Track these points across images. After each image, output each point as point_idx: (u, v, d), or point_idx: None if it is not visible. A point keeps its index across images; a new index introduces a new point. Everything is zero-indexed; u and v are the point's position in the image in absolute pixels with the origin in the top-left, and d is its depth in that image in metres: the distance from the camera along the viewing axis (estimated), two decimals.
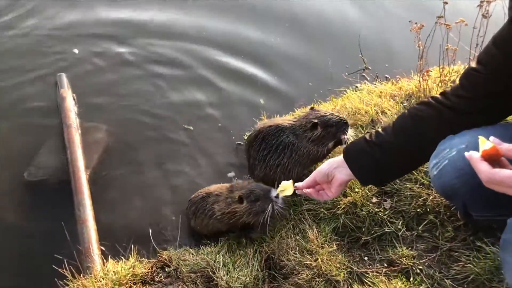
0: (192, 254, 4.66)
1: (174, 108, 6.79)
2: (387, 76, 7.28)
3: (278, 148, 4.94)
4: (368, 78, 7.27)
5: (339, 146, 5.12)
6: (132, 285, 4.33)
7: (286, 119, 5.15)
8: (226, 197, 4.78)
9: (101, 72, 7.29)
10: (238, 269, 4.35)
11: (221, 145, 6.25)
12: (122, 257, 4.45)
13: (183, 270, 4.45)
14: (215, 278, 4.04)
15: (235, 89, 7.18)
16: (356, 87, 7.03)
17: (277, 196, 4.50)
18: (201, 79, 7.35)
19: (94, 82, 7.09)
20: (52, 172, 5.76)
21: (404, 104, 5.78)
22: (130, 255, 4.53)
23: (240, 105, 6.87)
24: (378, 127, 5.49)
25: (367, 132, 5.38)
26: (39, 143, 6.08)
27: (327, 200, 4.74)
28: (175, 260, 4.60)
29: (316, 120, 4.89)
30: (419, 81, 5.76)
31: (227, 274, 4.06)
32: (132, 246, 4.69)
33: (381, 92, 6.19)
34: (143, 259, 4.72)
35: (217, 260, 4.45)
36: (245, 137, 6.21)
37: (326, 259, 4.28)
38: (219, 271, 4.32)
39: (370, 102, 5.91)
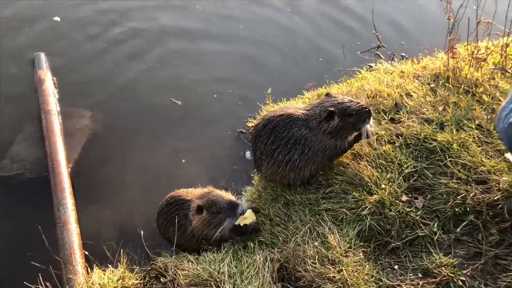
0: (192, 262, 4.03)
1: (167, 90, 6.14)
2: (403, 54, 6.63)
3: (288, 142, 4.26)
4: (383, 57, 6.53)
5: (363, 141, 4.44)
6: None
7: (298, 107, 4.43)
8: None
9: (86, 51, 6.57)
10: (246, 281, 3.72)
11: (221, 133, 5.65)
12: (109, 265, 4.05)
13: (181, 282, 3.83)
14: None
15: (237, 68, 6.52)
16: (370, 66, 6.40)
17: (242, 213, 4.13)
18: (199, 56, 6.70)
19: (78, 62, 6.38)
20: (29, 166, 5.06)
21: (432, 86, 5.11)
22: (119, 263, 4.06)
23: (242, 87, 6.22)
24: (403, 112, 4.78)
25: (391, 118, 4.72)
26: (14, 132, 5.39)
27: (349, 198, 4.07)
28: (171, 268, 3.97)
29: (332, 108, 4.18)
30: (448, 59, 5.03)
31: None
32: (122, 251, 4.19)
33: (402, 72, 5.51)
34: (134, 267, 4.16)
35: (221, 270, 3.82)
36: (248, 124, 5.53)
37: (352, 270, 3.62)
38: (224, 284, 3.68)
39: (392, 84, 5.20)
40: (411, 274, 3.72)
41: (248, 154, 5.37)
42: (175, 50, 6.64)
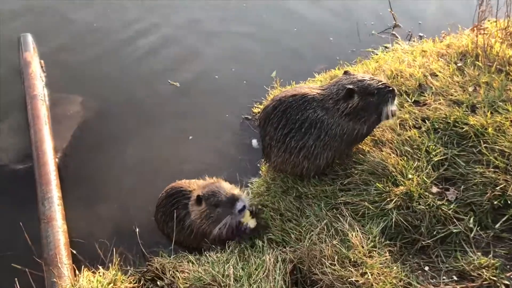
0: (192, 262, 3.62)
1: (164, 72, 5.73)
2: (421, 34, 6.10)
3: (302, 126, 3.79)
4: (399, 37, 6.02)
5: (384, 122, 3.95)
6: None
7: (312, 87, 3.95)
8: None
9: (77, 32, 6.15)
10: (255, 286, 3.28)
11: (224, 119, 5.22)
12: (100, 267, 3.67)
13: (180, 285, 3.44)
14: None
15: (240, 49, 6.03)
16: (386, 47, 5.92)
17: (241, 210, 3.67)
18: (198, 36, 6.25)
19: (68, 44, 5.97)
20: (13, 157, 4.67)
21: (459, 65, 4.62)
22: (111, 264, 3.67)
23: (246, 69, 5.76)
24: (428, 94, 4.28)
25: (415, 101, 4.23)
26: None
27: (371, 190, 3.58)
28: (169, 270, 3.59)
29: (351, 86, 3.70)
30: (476, 35, 4.51)
31: None
32: (114, 250, 3.78)
33: (423, 51, 5.00)
34: (128, 268, 3.79)
35: (226, 273, 3.38)
36: (254, 110, 5.06)
37: (377, 273, 3.12)
38: None
39: (414, 63, 4.69)
40: (444, 277, 3.28)
41: (254, 142, 4.98)
42: (173, 32, 6.26)
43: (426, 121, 4.10)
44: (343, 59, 5.67)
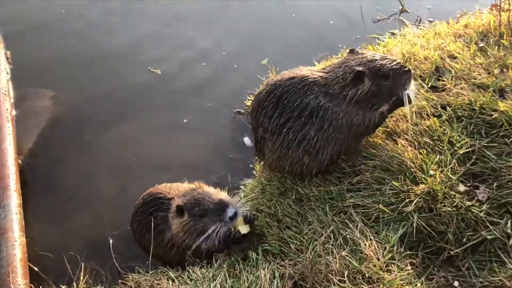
0: (173, 280, 3.11)
1: (143, 59, 5.17)
2: (431, 20, 5.52)
3: (302, 115, 3.21)
4: (407, 23, 5.46)
5: (399, 109, 3.38)
6: None
7: (314, 70, 3.38)
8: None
9: (47, 21, 5.59)
10: None
11: (212, 113, 4.67)
12: (63, 287, 3.19)
13: None
14: None
15: (231, 35, 5.48)
16: (393, 33, 5.33)
17: (233, 217, 3.13)
18: (180, 19, 5.71)
19: (37, 34, 5.41)
20: None
21: (481, 45, 4.04)
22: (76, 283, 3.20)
23: (238, 57, 5.21)
24: (447, 78, 3.69)
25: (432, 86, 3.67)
26: None
27: (386, 190, 2.99)
28: None
29: (361, 68, 3.11)
30: (499, 12, 3.94)
31: None
32: (83, 265, 3.35)
33: (437, 33, 4.40)
34: (99, 286, 3.29)
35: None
36: (247, 102, 4.52)
37: None
38: None
39: (428, 45, 4.11)
40: None
41: (247, 140, 4.46)
42: (153, 13, 5.71)
43: (447, 108, 3.51)
44: (347, 45, 5.08)
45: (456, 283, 2.80)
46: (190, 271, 3.11)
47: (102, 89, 4.79)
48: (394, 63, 3.19)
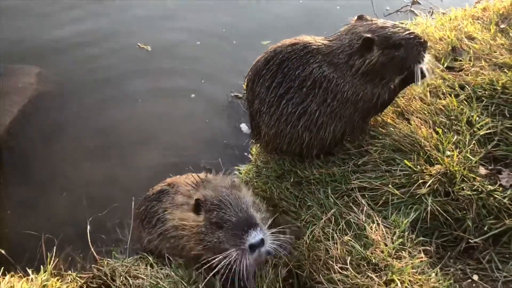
0: (152, 265, 2.82)
1: (133, 34, 4.97)
2: (444, 12, 5.24)
3: (304, 85, 2.90)
4: (418, 15, 5.20)
5: (411, 85, 3.08)
6: None
7: (317, 37, 3.04)
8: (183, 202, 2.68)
9: None
10: None
11: (207, 96, 4.44)
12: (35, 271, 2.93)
13: None
14: None
15: (228, 15, 5.29)
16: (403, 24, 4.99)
17: (255, 246, 2.32)
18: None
19: (25, 8, 5.25)
20: None
21: (502, 26, 3.73)
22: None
23: (238, 39, 4.97)
24: (464, 58, 3.38)
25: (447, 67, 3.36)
26: None
27: (396, 171, 2.66)
28: (120, 276, 2.79)
29: (369, 35, 2.81)
30: None
31: None
32: (55, 249, 3.05)
33: (452, 18, 4.16)
34: (69, 272, 3.01)
35: (194, 279, 2.56)
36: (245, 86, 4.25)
37: (409, 281, 2.18)
38: None
39: (443, 28, 3.82)
40: None
41: (244, 126, 4.20)
42: None
43: (466, 87, 3.18)
44: None
45: (475, 277, 2.48)
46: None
47: (89, 66, 4.61)
48: (407, 32, 2.87)
